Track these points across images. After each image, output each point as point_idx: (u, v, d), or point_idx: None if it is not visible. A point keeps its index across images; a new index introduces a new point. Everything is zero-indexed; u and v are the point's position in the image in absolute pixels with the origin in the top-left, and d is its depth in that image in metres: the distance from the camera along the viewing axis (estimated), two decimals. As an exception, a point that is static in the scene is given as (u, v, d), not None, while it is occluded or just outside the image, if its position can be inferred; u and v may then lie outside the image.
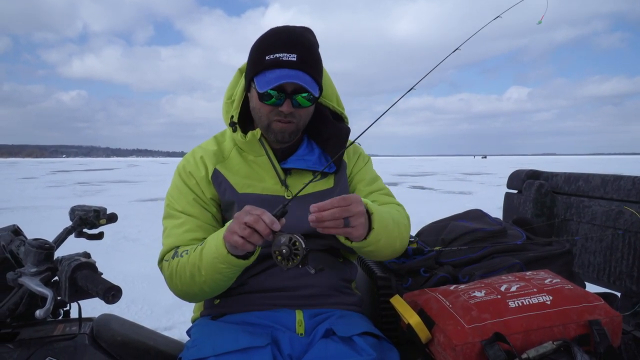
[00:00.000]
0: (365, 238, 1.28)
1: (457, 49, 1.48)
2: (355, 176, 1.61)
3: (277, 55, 1.36)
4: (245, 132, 1.49)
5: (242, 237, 1.16)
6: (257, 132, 1.47)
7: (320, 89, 1.46)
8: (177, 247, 1.43)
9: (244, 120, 1.54)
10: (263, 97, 1.38)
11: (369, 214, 1.29)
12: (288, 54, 1.36)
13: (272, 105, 1.39)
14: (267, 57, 1.37)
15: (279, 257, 1.17)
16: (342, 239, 1.33)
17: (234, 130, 1.50)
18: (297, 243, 1.15)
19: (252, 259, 1.28)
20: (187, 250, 1.36)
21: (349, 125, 1.61)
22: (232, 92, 1.55)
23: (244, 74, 1.52)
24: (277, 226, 1.16)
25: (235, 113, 1.50)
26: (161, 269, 1.45)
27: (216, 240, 1.26)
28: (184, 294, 1.41)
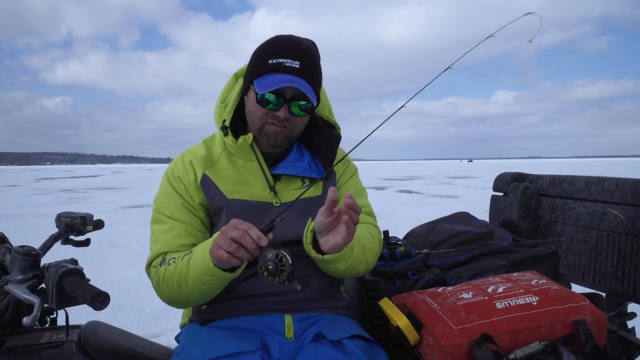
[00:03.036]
0: (335, 252, 1.28)
1: (449, 67, 1.50)
2: (341, 188, 1.60)
3: (281, 60, 1.37)
4: (236, 136, 1.49)
5: (228, 252, 1.15)
6: (249, 136, 1.47)
7: (318, 101, 1.46)
8: (165, 253, 1.42)
9: (235, 125, 1.53)
10: (261, 99, 1.38)
11: None
12: (292, 60, 1.37)
13: (268, 109, 1.39)
14: (270, 61, 1.37)
15: (265, 273, 1.15)
16: (312, 252, 1.32)
17: (225, 134, 1.49)
18: (283, 259, 1.13)
19: (239, 271, 1.27)
20: (175, 259, 1.35)
21: (341, 134, 1.61)
22: (226, 95, 1.54)
23: (240, 79, 1.52)
24: (264, 242, 1.14)
25: (228, 117, 1.49)
26: (149, 274, 1.45)
27: (203, 252, 1.25)
28: (171, 301, 1.41)
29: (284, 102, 1.38)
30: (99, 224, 1.61)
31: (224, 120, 1.49)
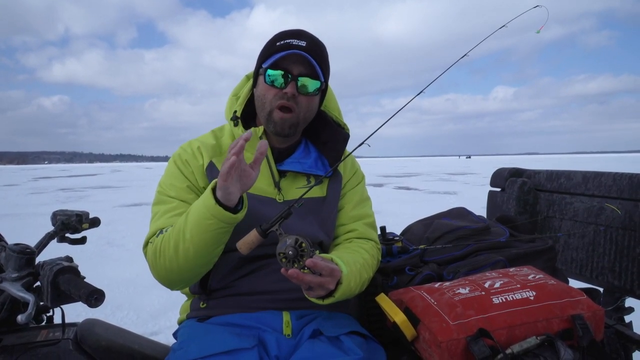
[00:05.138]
0: (324, 298, 1.27)
1: (465, 54, 1.52)
2: (347, 194, 1.61)
3: (288, 40, 1.41)
4: (246, 129, 1.50)
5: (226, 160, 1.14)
6: (260, 129, 1.48)
7: (326, 84, 1.49)
8: (164, 228, 1.38)
9: (246, 120, 1.55)
10: (270, 80, 1.41)
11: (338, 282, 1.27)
12: (298, 40, 1.41)
13: (276, 88, 1.41)
14: (277, 44, 1.42)
15: (284, 260, 1.14)
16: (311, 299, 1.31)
17: (236, 125, 1.51)
18: (303, 244, 1.13)
19: (240, 215, 1.24)
20: (173, 226, 1.33)
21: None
22: (238, 90, 1.58)
23: (251, 79, 1.55)
24: (248, 135, 1.16)
25: (239, 108, 1.51)
26: (145, 253, 1.39)
27: (203, 196, 1.24)
28: (168, 275, 1.34)
29: (292, 78, 1.41)
30: (95, 222, 1.61)
31: (235, 112, 1.52)
